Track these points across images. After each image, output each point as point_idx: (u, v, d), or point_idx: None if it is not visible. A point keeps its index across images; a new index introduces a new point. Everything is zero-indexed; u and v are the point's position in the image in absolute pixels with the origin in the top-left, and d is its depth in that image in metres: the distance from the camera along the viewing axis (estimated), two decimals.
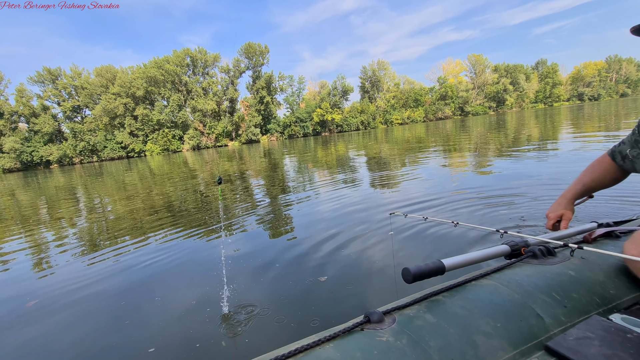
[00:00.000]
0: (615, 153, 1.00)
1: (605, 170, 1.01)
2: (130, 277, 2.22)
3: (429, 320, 0.60)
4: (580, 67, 73.29)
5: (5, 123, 41.82)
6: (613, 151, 1.01)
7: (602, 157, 1.04)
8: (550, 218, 1.03)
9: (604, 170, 1.01)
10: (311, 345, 0.54)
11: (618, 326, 0.58)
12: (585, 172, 1.06)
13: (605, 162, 1.02)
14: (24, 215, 5.64)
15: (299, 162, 9.79)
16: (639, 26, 0.71)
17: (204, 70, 47.77)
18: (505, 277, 0.72)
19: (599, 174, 1.02)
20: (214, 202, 4.73)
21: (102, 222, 4.27)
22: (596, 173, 1.03)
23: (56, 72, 44.03)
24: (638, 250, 0.66)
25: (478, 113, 60.40)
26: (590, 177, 1.03)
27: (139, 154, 44.72)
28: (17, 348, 1.54)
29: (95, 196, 7.35)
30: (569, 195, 1.04)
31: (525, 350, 0.56)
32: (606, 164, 1.01)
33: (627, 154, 0.95)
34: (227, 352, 1.32)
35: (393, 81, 59.13)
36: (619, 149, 0.99)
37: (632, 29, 0.73)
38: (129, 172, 14.24)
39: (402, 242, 2.30)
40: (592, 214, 2.28)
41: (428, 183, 4.35)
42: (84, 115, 47.25)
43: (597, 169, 1.03)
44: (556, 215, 1.02)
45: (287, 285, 1.83)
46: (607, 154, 1.03)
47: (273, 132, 50.27)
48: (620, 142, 0.99)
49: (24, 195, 9.33)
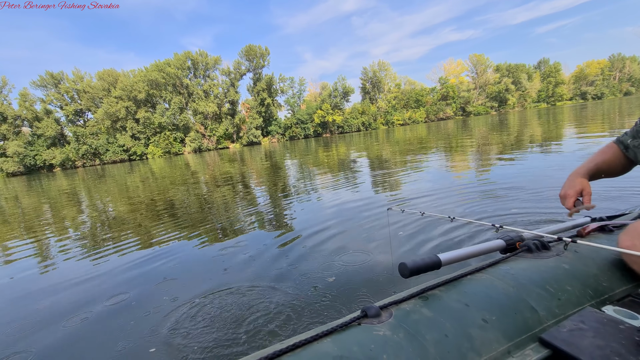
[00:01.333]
0: (619, 142, 1.02)
1: (614, 155, 1.00)
2: (136, 278, 2.22)
3: (425, 314, 0.61)
4: (583, 66, 72.96)
5: (9, 127, 42.17)
6: (619, 139, 1.02)
7: (610, 144, 1.04)
8: (570, 195, 0.94)
9: (613, 155, 1.00)
10: (309, 340, 0.55)
11: (610, 318, 0.59)
12: (596, 154, 1.03)
13: (614, 148, 1.01)
14: (28, 218, 5.67)
15: (300, 163, 9.82)
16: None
17: (205, 72, 48.00)
18: (501, 271, 0.73)
19: (609, 157, 1.00)
20: (214, 203, 4.73)
21: (105, 224, 4.29)
22: (607, 155, 1.01)
23: (59, 76, 44.40)
24: (632, 242, 0.67)
25: (480, 113, 60.28)
26: (602, 158, 1.00)
27: (141, 156, 44.93)
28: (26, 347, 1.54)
29: (97, 199, 7.38)
30: (582, 172, 0.99)
31: (519, 342, 0.57)
32: (614, 150, 1.01)
33: (629, 144, 0.97)
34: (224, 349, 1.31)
35: (394, 82, 59.17)
36: (622, 139, 1.00)
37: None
38: (131, 174, 14.29)
39: (399, 236, 2.32)
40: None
41: (426, 180, 4.39)
42: (86, 118, 47.59)
43: (607, 153, 1.01)
44: (575, 191, 0.94)
45: (285, 281, 1.85)
46: (613, 142, 1.03)
47: (274, 134, 50.39)
48: (624, 133, 1.01)
49: (30, 199, 9.38)
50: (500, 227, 1.01)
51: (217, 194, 5.72)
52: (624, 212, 1.13)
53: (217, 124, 47.69)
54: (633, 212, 1.11)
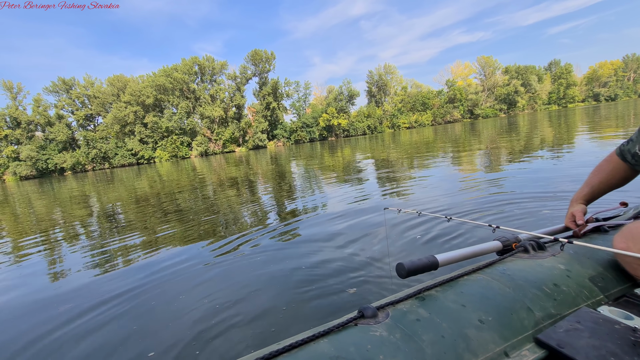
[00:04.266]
0: (624, 152, 0.94)
1: (614, 170, 0.96)
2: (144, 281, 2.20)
3: (422, 314, 0.61)
4: (596, 67, 71.36)
5: (23, 132, 43.33)
6: (622, 150, 0.94)
7: (610, 156, 0.98)
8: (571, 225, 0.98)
9: (613, 170, 0.96)
10: (306, 341, 0.54)
11: (606, 317, 0.59)
12: (592, 174, 1.01)
13: (614, 161, 0.96)
14: (41, 220, 5.69)
15: (303, 166, 9.83)
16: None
17: (211, 77, 48.63)
18: (497, 271, 0.73)
19: (607, 175, 0.96)
20: (217, 204, 4.70)
21: (114, 227, 4.29)
22: (604, 173, 0.97)
23: (70, 81, 45.54)
24: (626, 244, 0.67)
25: (488, 115, 59.48)
26: (598, 178, 0.98)
27: (148, 160, 45.56)
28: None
29: (108, 203, 7.44)
30: (577, 199, 1.02)
31: (515, 342, 0.56)
32: (615, 164, 0.96)
33: (637, 151, 0.90)
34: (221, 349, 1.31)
35: (400, 85, 58.93)
36: (627, 148, 0.92)
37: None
38: (139, 178, 14.42)
39: (397, 237, 2.34)
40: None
41: (425, 180, 4.43)
42: (96, 123, 48.62)
43: (605, 169, 0.98)
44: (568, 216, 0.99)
45: (281, 281, 1.88)
46: (614, 153, 0.97)
47: (280, 138, 50.59)
48: (628, 141, 0.93)
49: (44, 201, 9.49)
50: (497, 227, 1.00)
51: (220, 195, 5.73)
52: (619, 213, 1.11)
53: (224, 128, 48.14)
54: (628, 213, 1.09)
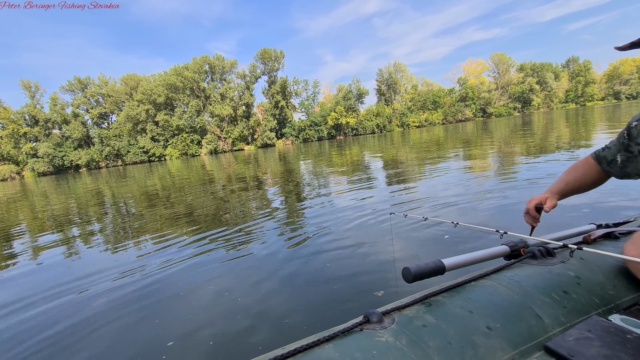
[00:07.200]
0: (600, 158, 0.94)
1: (588, 172, 0.97)
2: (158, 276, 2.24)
3: (428, 320, 0.60)
4: (617, 64, 68.44)
5: (40, 129, 44.76)
6: (598, 155, 0.95)
7: (587, 158, 0.99)
8: (529, 202, 0.98)
9: (587, 172, 0.97)
10: (310, 345, 0.54)
11: (617, 327, 0.57)
12: (567, 172, 1.02)
13: (590, 164, 0.97)
14: (57, 216, 5.78)
15: (311, 165, 9.78)
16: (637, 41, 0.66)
17: (221, 76, 49.03)
18: (505, 277, 0.72)
19: (581, 175, 0.98)
20: (225, 203, 4.68)
21: (127, 223, 4.32)
22: (579, 173, 0.99)
23: (85, 80, 46.73)
24: (638, 251, 0.65)
25: (501, 114, 58.02)
26: (573, 176, 0.99)
27: (159, 158, 46.40)
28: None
29: (120, 199, 7.53)
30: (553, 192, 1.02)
31: (524, 350, 0.55)
32: (590, 166, 0.97)
33: (616, 158, 0.89)
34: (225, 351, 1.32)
35: (410, 83, 58.06)
36: (604, 154, 0.93)
37: (620, 47, 0.69)
38: (150, 175, 14.64)
39: (403, 241, 2.32)
40: (590, 215, 2.27)
41: (432, 184, 4.36)
42: (110, 121, 49.77)
43: (580, 170, 0.99)
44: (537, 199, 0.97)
45: (286, 284, 1.84)
46: (591, 157, 0.98)
47: (288, 136, 50.64)
48: (604, 147, 0.94)
49: (62, 196, 9.71)
50: (505, 232, 0.98)
51: (229, 193, 5.72)
52: (629, 219, 1.09)
53: (233, 126, 48.52)
54: (639, 219, 1.07)
